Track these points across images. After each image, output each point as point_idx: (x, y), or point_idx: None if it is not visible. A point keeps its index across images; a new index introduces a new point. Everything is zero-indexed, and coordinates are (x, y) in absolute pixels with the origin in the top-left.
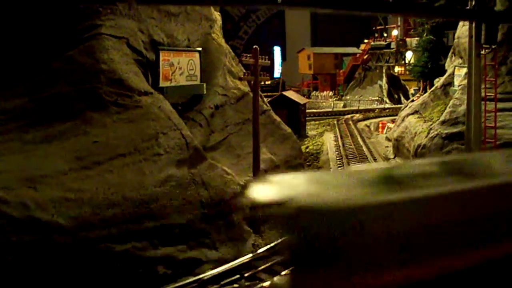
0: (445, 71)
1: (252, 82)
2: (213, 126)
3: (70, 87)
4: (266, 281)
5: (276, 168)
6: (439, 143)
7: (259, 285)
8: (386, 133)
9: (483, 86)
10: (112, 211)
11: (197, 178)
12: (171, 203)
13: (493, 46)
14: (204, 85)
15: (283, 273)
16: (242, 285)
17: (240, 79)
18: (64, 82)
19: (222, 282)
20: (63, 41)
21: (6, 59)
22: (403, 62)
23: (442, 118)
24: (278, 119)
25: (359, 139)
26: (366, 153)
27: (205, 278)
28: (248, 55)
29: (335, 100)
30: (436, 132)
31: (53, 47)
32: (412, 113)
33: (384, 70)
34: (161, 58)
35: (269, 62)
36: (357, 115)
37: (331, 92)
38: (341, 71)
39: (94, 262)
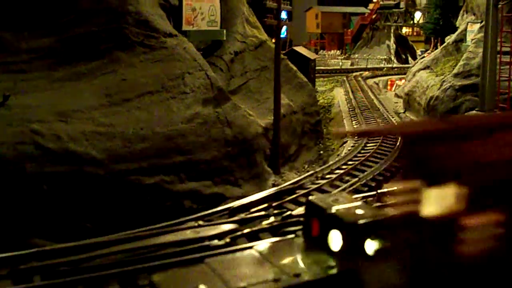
0: (457, 29)
1: (274, 26)
2: (233, 71)
3: (98, 27)
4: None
5: (293, 113)
6: (452, 95)
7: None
8: (394, 90)
9: (498, 39)
10: (142, 145)
11: (222, 117)
12: (198, 140)
13: None
14: (224, 31)
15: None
16: (270, 213)
17: (264, 21)
18: (91, 22)
19: (252, 210)
20: None
21: None
22: (411, 22)
23: (455, 71)
24: (294, 68)
25: (370, 93)
26: (378, 106)
27: (235, 206)
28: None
29: (342, 59)
30: (449, 84)
31: None
32: (424, 68)
33: (392, 30)
34: (184, 3)
35: (291, 7)
36: (366, 72)
37: (338, 51)
38: (349, 30)
39: (124, 193)
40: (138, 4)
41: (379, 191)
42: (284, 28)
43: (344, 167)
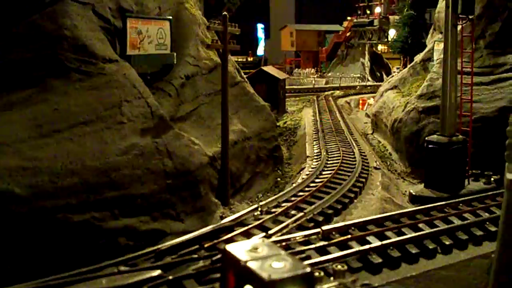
0: (426, 47)
1: (220, 50)
2: (183, 97)
3: (31, 54)
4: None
5: (247, 139)
6: (415, 117)
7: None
8: (366, 109)
9: (460, 60)
10: (71, 180)
11: (162, 148)
12: (134, 173)
13: (470, 17)
14: (175, 54)
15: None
16: (201, 255)
17: (208, 46)
18: (24, 48)
19: (181, 252)
20: (24, 6)
21: None
22: (386, 40)
23: (419, 92)
24: (251, 91)
25: (338, 114)
26: (343, 128)
27: (163, 248)
28: (217, 22)
29: (317, 77)
30: (412, 106)
31: (13, 11)
32: (391, 88)
33: (366, 48)
34: (128, 26)
35: (239, 30)
36: (338, 91)
37: (313, 70)
38: (324, 48)
39: (51, 232)
40: (75, 28)
41: (323, 228)
42: (262, 45)
43: (292, 198)
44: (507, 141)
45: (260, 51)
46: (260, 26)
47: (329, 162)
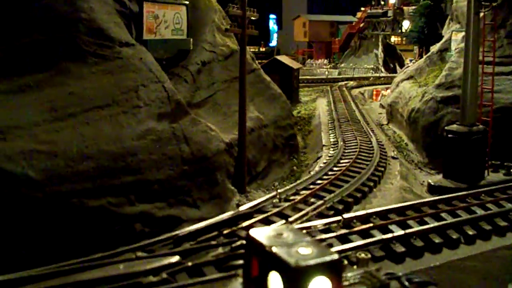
0: (442, 37)
1: (239, 36)
2: (199, 83)
3: (46, 36)
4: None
5: (264, 127)
6: (433, 107)
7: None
8: (380, 100)
9: (481, 49)
10: (86, 165)
11: (179, 133)
12: (150, 158)
13: (493, 4)
14: (191, 40)
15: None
16: (220, 242)
17: (226, 30)
18: (40, 31)
19: (200, 239)
20: None
21: None
22: (399, 31)
23: (437, 82)
24: (268, 78)
25: (352, 104)
26: (359, 118)
27: (181, 234)
28: (236, 6)
29: (330, 68)
30: (430, 96)
31: None
32: (407, 79)
33: (380, 39)
34: (144, 10)
35: (257, 15)
36: (351, 82)
37: (325, 60)
38: (337, 39)
39: (66, 217)
40: (92, 11)
41: (344, 215)
42: (275, 36)
43: (311, 186)
44: None
45: (273, 41)
46: (272, 17)
47: (346, 151)
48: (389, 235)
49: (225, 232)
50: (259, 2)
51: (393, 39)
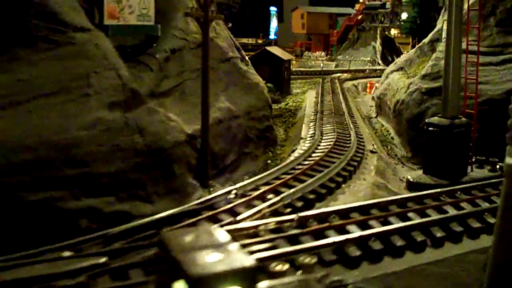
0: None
1: (201, 20)
2: (167, 71)
3: None
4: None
5: (234, 118)
6: (418, 99)
7: None
8: (373, 93)
9: (466, 38)
10: (24, 156)
11: (132, 123)
12: (98, 150)
13: None
14: (159, 26)
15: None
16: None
17: (186, 14)
18: None
19: (134, 238)
20: None
21: None
22: (398, 23)
23: (423, 72)
24: (244, 67)
25: (341, 97)
26: (344, 110)
27: (113, 232)
28: None
29: (327, 60)
30: (415, 87)
31: None
32: (397, 70)
33: (378, 31)
34: None
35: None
36: (345, 74)
37: (323, 53)
38: (335, 31)
39: (2, 211)
40: None
41: (300, 214)
42: (274, 28)
43: (273, 181)
44: (509, 121)
45: (272, 34)
46: (272, 9)
47: (321, 144)
48: (344, 237)
49: (163, 231)
50: None
51: (393, 31)
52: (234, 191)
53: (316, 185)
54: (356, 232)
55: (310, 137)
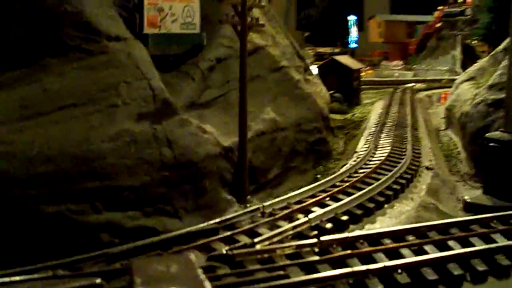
0: None
1: (238, 27)
2: (210, 81)
3: (29, 31)
4: None
5: (280, 130)
6: (483, 111)
7: None
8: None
9: None
10: (45, 167)
11: (161, 135)
12: (122, 162)
13: None
14: (204, 35)
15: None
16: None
17: (220, 22)
18: (22, 25)
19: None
20: None
21: None
22: (473, 30)
23: (490, 82)
24: (296, 77)
25: (408, 108)
26: (408, 122)
27: (114, 252)
28: None
29: (404, 70)
30: (481, 98)
31: None
32: (467, 80)
33: (458, 40)
34: (145, 2)
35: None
36: (419, 84)
37: (401, 62)
38: (413, 40)
39: (21, 223)
40: (80, 3)
41: (322, 238)
42: (354, 37)
43: (306, 199)
44: None
45: (353, 43)
46: (351, 18)
47: (372, 159)
48: (365, 267)
49: (171, 252)
50: (340, 2)
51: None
52: (261, 209)
53: (352, 205)
54: (382, 262)
55: (363, 151)
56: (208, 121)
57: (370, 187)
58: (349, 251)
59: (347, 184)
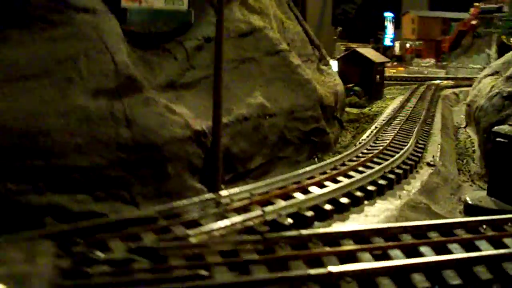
0: None
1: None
2: (196, 61)
3: None
4: None
5: (268, 116)
6: (498, 104)
7: None
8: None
9: None
10: None
11: (119, 114)
12: (71, 140)
13: None
14: (192, 12)
15: None
16: None
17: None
18: None
19: None
20: None
21: None
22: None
23: (508, 73)
24: (296, 62)
25: (426, 103)
26: (421, 117)
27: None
28: None
29: (436, 67)
30: (497, 91)
31: None
32: (491, 74)
33: (494, 37)
34: None
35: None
36: (446, 82)
37: (433, 60)
38: (447, 37)
39: None
40: None
41: (268, 235)
42: (390, 34)
43: (285, 189)
44: None
45: (388, 40)
46: (387, 15)
47: (365, 152)
48: (306, 272)
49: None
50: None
51: None
52: (217, 199)
53: (323, 199)
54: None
55: (360, 144)
56: (185, 103)
57: (350, 180)
58: (296, 252)
59: (326, 176)
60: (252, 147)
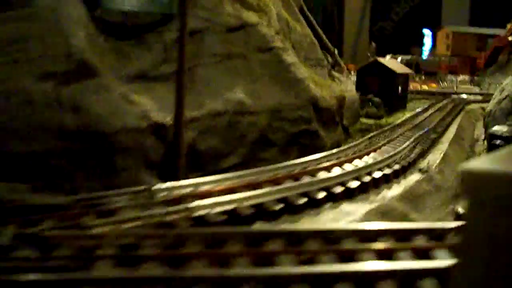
0: None
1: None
2: (174, 53)
3: None
4: None
5: (248, 114)
6: (506, 108)
7: None
8: None
9: None
10: None
11: (66, 99)
12: (11, 124)
13: None
14: (175, 3)
15: None
16: None
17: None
18: None
19: None
20: None
21: None
22: None
23: None
24: (289, 61)
25: (442, 114)
26: (430, 126)
27: None
28: None
29: (469, 85)
30: (506, 93)
31: None
32: None
33: None
34: None
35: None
36: (474, 96)
37: (467, 77)
38: (483, 53)
39: None
40: None
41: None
42: (427, 50)
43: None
44: None
45: (424, 55)
46: (426, 32)
47: (352, 153)
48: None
49: None
50: (416, 16)
51: None
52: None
53: (275, 197)
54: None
55: (348, 146)
56: (154, 94)
57: (316, 179)
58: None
59: (294, 173)
60: (225, 145)
